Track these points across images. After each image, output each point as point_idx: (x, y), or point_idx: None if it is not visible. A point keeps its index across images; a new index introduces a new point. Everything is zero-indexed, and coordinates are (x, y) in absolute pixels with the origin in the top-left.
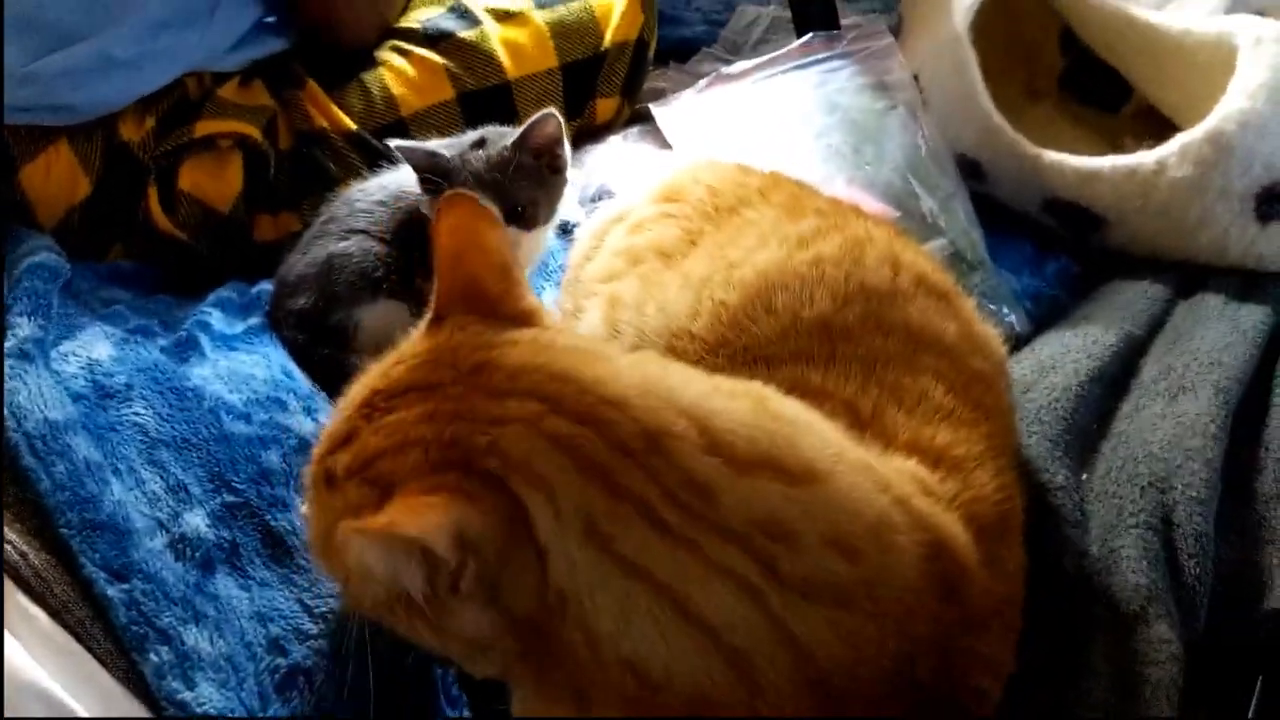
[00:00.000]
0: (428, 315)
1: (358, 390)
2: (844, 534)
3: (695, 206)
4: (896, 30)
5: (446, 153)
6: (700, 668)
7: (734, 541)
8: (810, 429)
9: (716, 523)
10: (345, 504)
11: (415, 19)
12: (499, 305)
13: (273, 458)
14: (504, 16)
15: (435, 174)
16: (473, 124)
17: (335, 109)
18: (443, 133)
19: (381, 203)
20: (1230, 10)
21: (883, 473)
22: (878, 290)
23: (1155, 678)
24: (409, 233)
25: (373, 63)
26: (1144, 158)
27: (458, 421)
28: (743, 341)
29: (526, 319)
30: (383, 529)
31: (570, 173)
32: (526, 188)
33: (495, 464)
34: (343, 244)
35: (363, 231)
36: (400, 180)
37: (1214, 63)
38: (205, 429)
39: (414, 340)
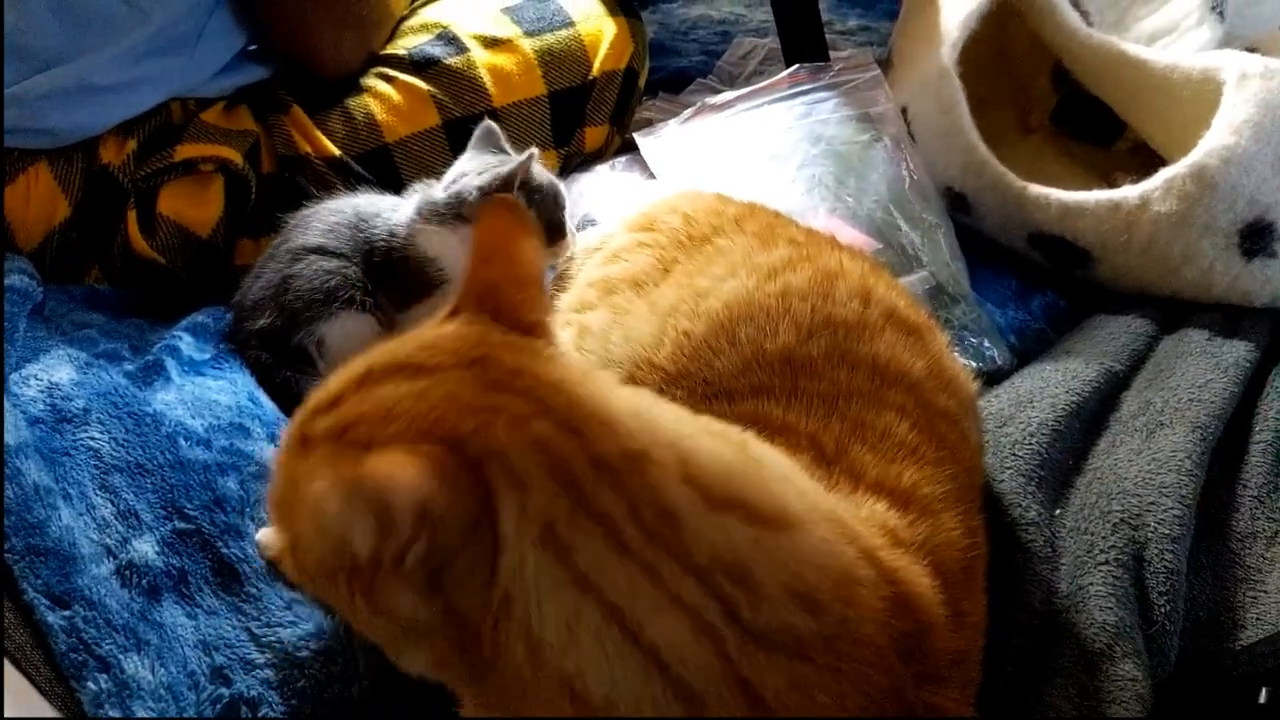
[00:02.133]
0: (445, 309)
1: (353, 365)
2: (809, 586)
3: (669, 235)
4: (885, 63)
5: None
6: (645, 698)
7: (695, 575)
8: (787, 476)
9: (679, 552)
10: (315, 462)
11: (402, 46)
12: (512, 312)
13: (230, 484)
14: (491, 43)
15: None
16: (458, 152)
17: (319, 134)
18: (427, 160)
19: (340, 223)
20: (1221, 45)
21: (851, 524)
22: (845, 323)
23: (1119, 717)
24: (373, 257)
25: (358, 89)
26: (1128, 192)
27: (447, 403)
28: (704, 374)
29: (534, 330)
30: (353, 477)
31: None
32: None
33: (476, 449)
34: (297, 264)
35: (317, 249)
36: (357, 205)
37: (1200, 98)
38: (161, 455)
39: (423, 328)
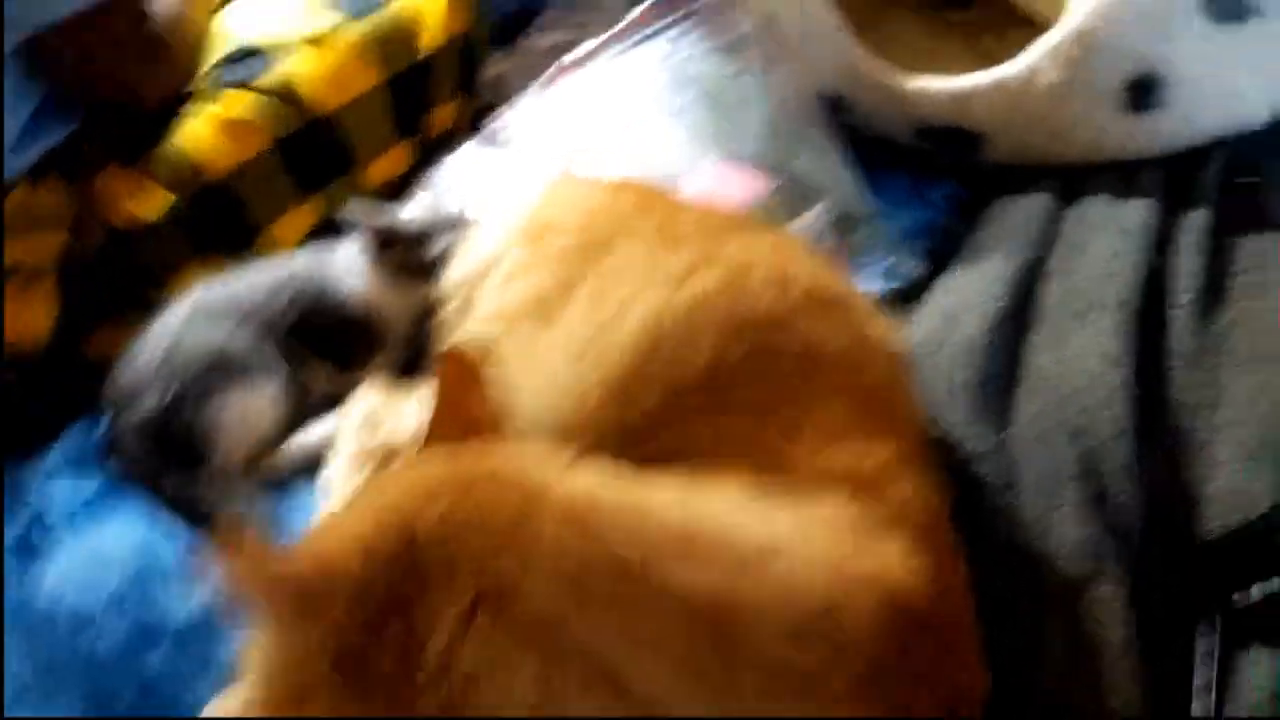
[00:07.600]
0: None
1: None
2: (792, 621)
3: (566, 246)
4: None
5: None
6: None
7: (679, 614)
8: (735, 514)
9: (652, 592)
10: None
11: (214, 68)
12: None
13: (153, 662)
14: (310, 43)
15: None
16: (298, 171)
17: (140, 188)
18: (267, 187)
19: (248, 285)
20: None
21: (812, 540)
22: (767, 316)
23: (1114, 638)
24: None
25: (174, 126)
26: (1012, 68)
27: None
28: (624, 417)
29: None
30: None
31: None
32: None
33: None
34: (185, 329)
35: (209, 312)
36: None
37: None
38: (71, 657)
39: None
